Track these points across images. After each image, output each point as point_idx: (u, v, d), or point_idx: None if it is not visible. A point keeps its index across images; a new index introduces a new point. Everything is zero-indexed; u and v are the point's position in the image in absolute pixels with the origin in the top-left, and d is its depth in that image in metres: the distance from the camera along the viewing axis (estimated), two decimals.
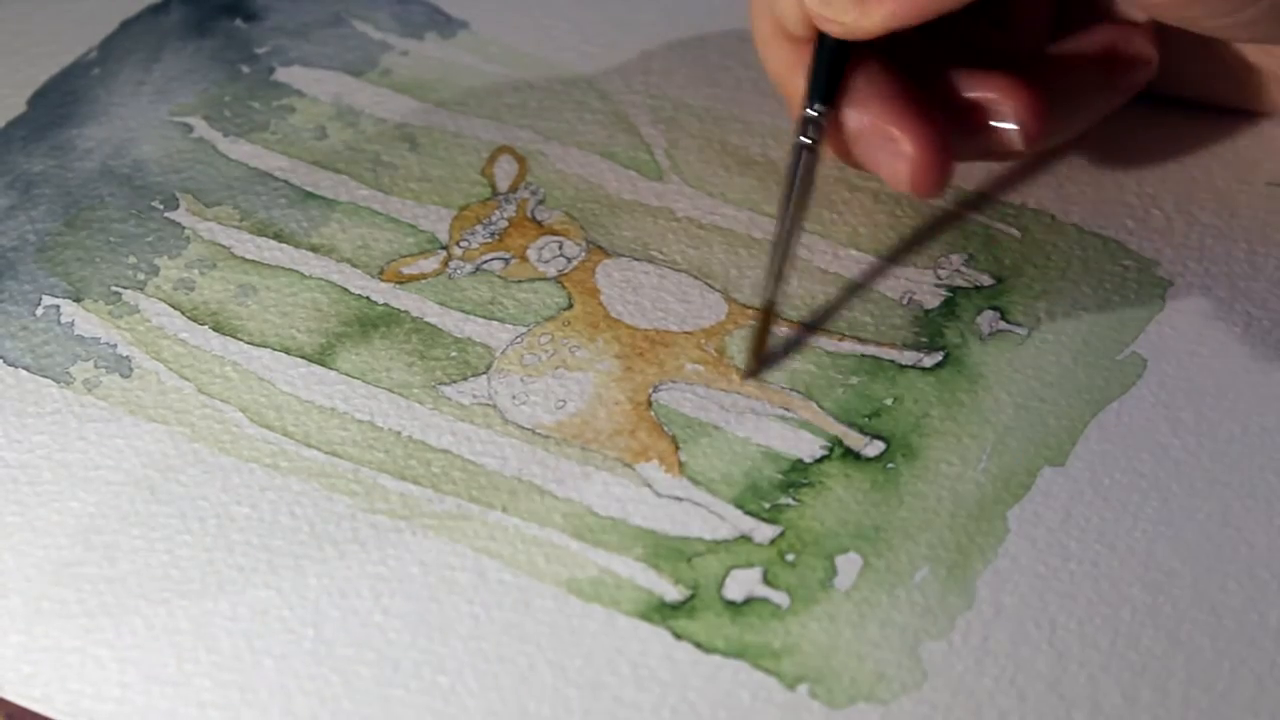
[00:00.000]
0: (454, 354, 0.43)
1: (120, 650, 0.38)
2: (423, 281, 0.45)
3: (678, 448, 0.41)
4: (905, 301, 0.44)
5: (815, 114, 0.41)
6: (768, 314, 0.42)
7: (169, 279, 0.45)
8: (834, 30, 0.41)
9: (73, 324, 0.44)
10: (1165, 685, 0.36)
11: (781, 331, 0.43)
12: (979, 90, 0.42)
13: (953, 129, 0.41)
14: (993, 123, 0.42)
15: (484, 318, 0.44)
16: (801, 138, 0.41)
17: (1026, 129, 0.42)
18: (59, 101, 0.50)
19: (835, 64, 0.41)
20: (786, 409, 0.41)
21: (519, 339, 0.43)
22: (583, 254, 0.45)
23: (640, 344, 0.43)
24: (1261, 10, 0.39)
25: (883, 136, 0.41)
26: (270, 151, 0.48)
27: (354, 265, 0.45)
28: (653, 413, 0.42)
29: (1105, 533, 0.39)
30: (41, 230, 0.46)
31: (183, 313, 0.44)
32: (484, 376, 0.43)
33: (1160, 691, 0.36)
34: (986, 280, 0.44)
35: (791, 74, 0.43)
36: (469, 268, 0.45)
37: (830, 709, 0.36)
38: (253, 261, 0.45)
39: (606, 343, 0.43)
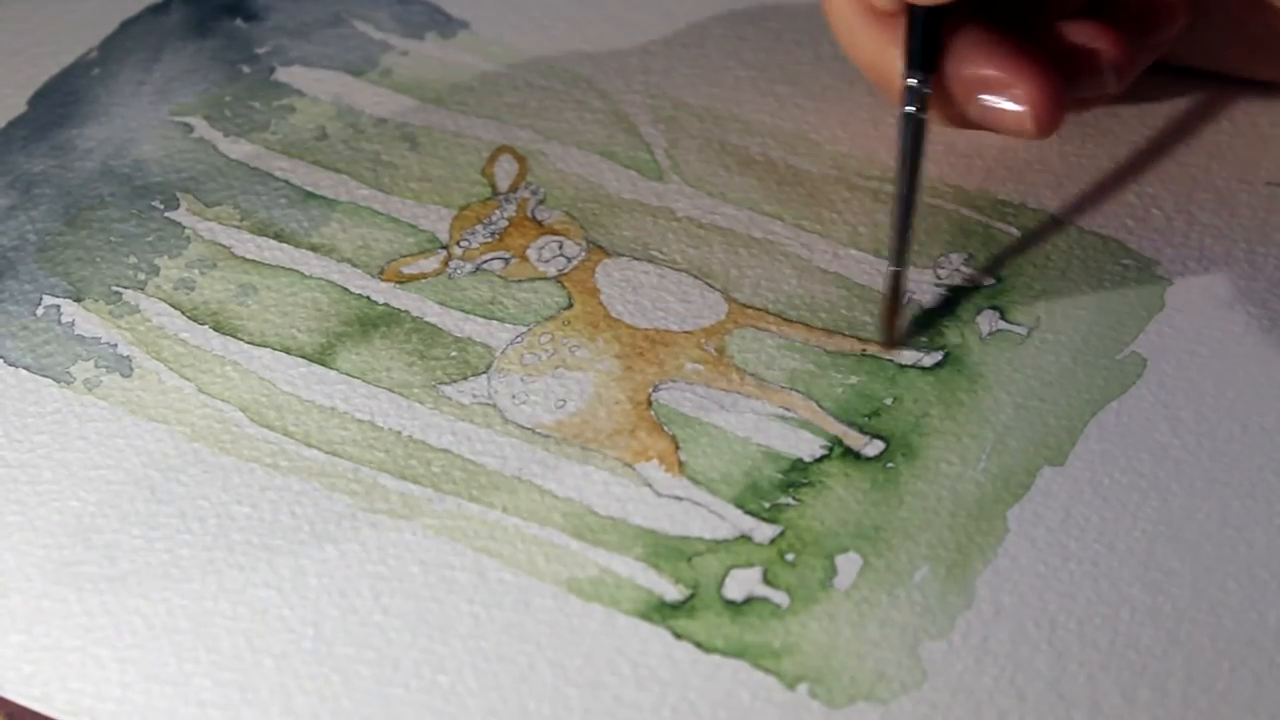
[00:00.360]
0: (454, 354, 0.43)
1: (120, 649, 0.38)
2: (423, 281, 0.45)
3: (678, 447, 0.41)
4: (905, 301, 0.44)
5: (915, 83, 0.41)
6: (899, 280, 0.42)
7: (169, 279, 0.45)
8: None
9: (73, 324, 0.44)
10: (1165, 685, 0.36)
11: (783, 331, 0.43)
12: (1074, 37, 0.42)
13: (1062, 81, 0.42)
14: (1094, 70, 0.42)
15: (484, 317, 0.44)
16: (907, 108, 0.41)
17: (1123, 70, 0.42)
18: (60, 101, 0.50)
19: (930, 31, 0.42)
20: (786, 408, 0.41)
21: (519, 338, 0.43)
22: (583, 254, 0.45)
23: (640, 343, 0.43)
24: None
25: (996, 85, 0.41)
26: (271, 151, 0.48)
27: (354, 265, 0.45)
28: (653, 412, 0.42)
29: (1105, 532, 0.39)
30: (42, 230, 0.46)
31: (183, 312, 0.44)
32: (484, 376, 0.43)
33: (1160, 691, 0.36)
34: (986, 280, 0.44)
35: (883, 53, 0.43)
36: (469, 267, 0.45)
37: (830, 708, 0.36)
38: (253, 261, 0.45)
39: (606, 342, 0.43)
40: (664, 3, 0.52)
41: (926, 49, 0.42)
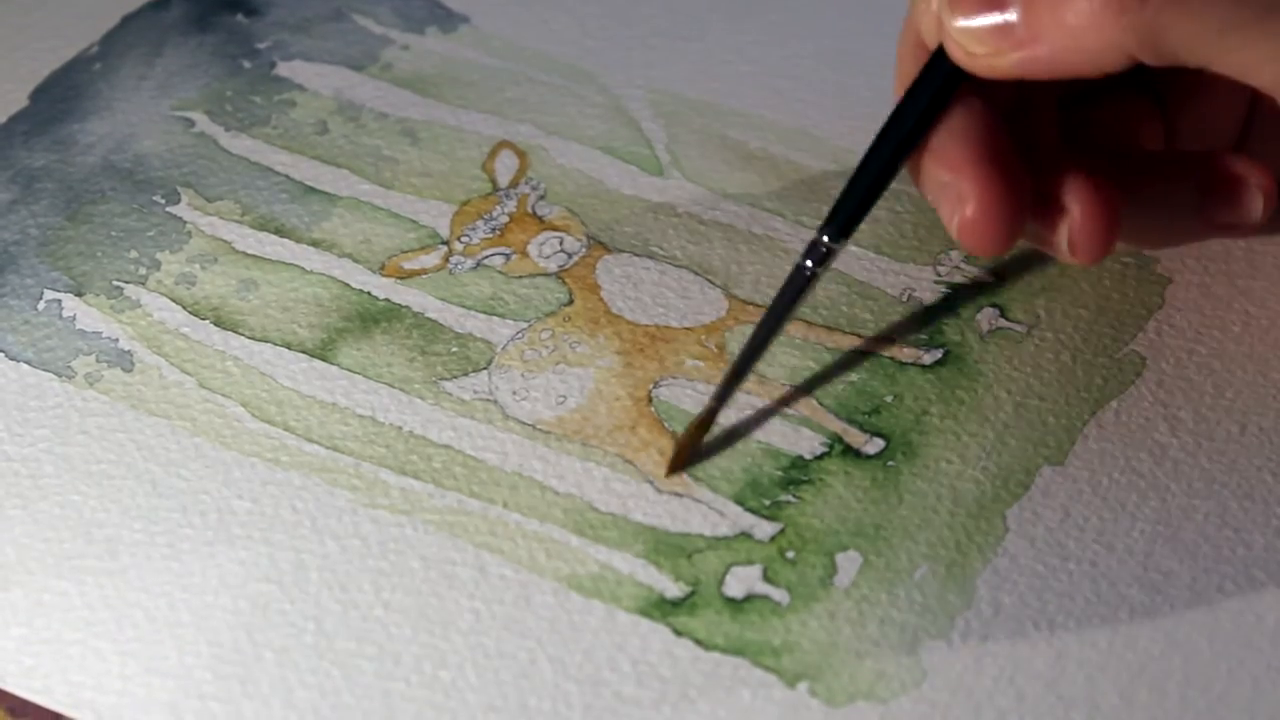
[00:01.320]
0: (455, 349, 0.43)
1: (121, 643, 0.38)
2: (424, 277, 0.45)
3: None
4: (905, 298, 0.44)
5: (824, 245, 0.39)
6: (712, 416, 0.40)
7: (170, 274, 0.45)
8: (961, 58, 0.38)
9: (74, 318, 0.44)
10: (1163, 685, 0.36)
11: (783, 329, 0.43)
12: (1059, 186, 0.38)
13: (1025, 203, 0.38)
14: (1058, 226, 0.39)
15: (485, 313, 0.44)
16: (807, 264, 0.39)
17: (1076, 247, 0.38)
18: (61, 96, 0.50)
19: (936, 100, 0.39)
20: (786, 405, 0.42)
21: (520, 334, 0.43)
22: (583, 249, 0.45)
23: (641, 340, 0.43)
24: None
25: (952, 185, 0.38)
26: (271, 146, 0.48)
27: (355, 260, 0.45)
28: (653, 408, 0.42)
29: (1104, 532, 0.39)
30: (43, 225, 0.46)
31: (184, 307, 0.44)
32: (485, 372, 0.43)
33: (1158, 691, 0.36)
34: (986, 277, 0.44)
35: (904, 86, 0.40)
36: (470, 263, 0.45)
37: (830, 707, 0.36)
38: (254, 256, 0.45)
39: (607, 338, 0.43)
40: None
41: (857, 214, 0.39)
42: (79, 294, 0.45)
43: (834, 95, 0.49)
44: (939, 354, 0.42)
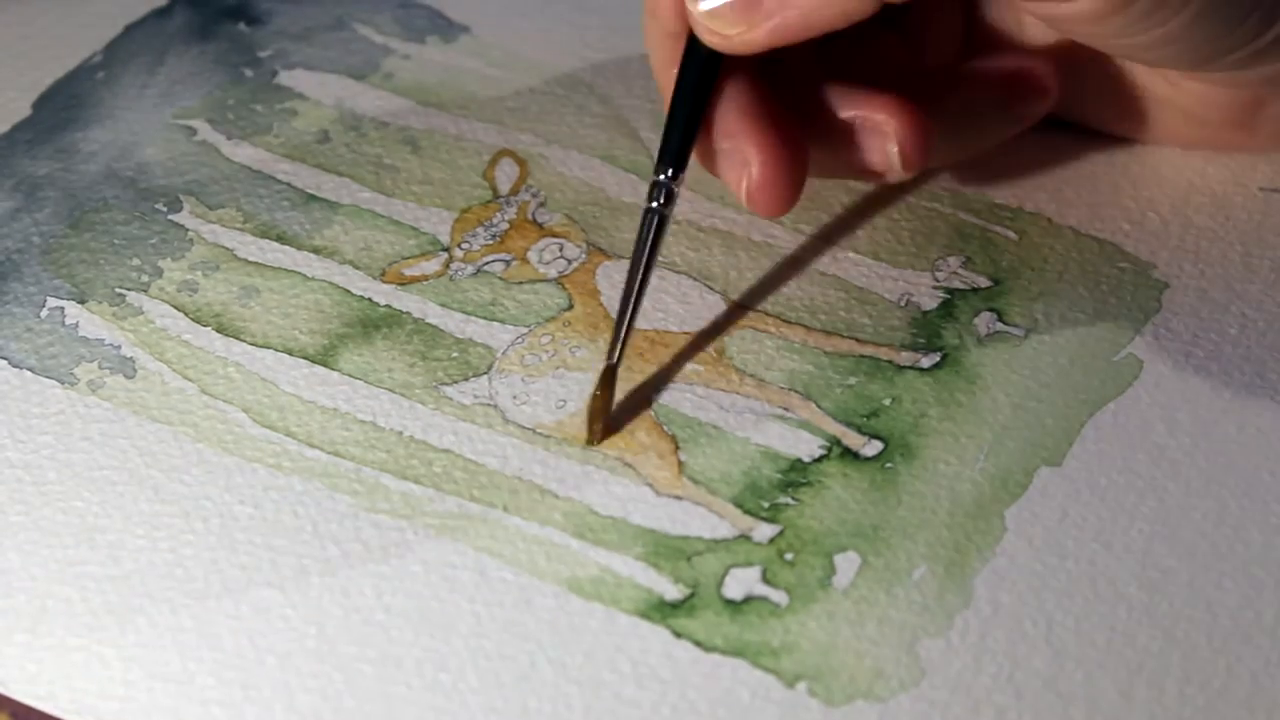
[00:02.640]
0: (455, 355, 0.43)
1: (124, 649, 0.38)
2: (424, 283, 0.45)
3: (677, 447, 0.41)
4: (903, 303, 0.44)
5: (664, 180, 0.41)
6: (612, 375, 0.41)
7: (172, 281, 0.45)
8: (715, 42, 0.40)
9: (77, 325, 0.44)
10: (1161, 683, 0.37)
11: (782, 333, 0.43)
12: (860, 109, 0.41)
13: (825, 145, 0.41)
14: (872, 143, 0.42)
15: (485, 319, 0.44)
16: (652, 204, 0.41)
17: (905, 152, 0.41)
18: (64, 105, 0.50)
19: (699, 95, 0.41)
20: (785, 409, 0.42)
21: (520, 340, 0.44)
22: (583, 256, 0.45)
23: (640, 344, 0.43)
24: (1168, 32, 0.39)
25: (736, 151, 0.41)
26: (273, 154, 0.48)
27: (356, 267, 0.45)
28: (652, 412, 0.42)
29: (1102, 532, 0.39)
30: (46, 233, 0.47)
31: (186, 314, 0.44)
32: (485, 377, 0.43)
33: (1156, 689, 0.36)
34: (984, 282, 0.44)
35: (667, 78, 0.42)
36: (470, 269, 0.45)
37: (829, 707, 0.36)
38: (256, 263, 0.46)
39: (607, 343, 0.43)
40: None
41: (684, 144, 0.41)
42: (81, 301, 0.45)
43: None
44: (937, 357, 0.43)
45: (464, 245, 0.46)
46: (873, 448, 0.41)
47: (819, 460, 0.41)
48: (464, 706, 0.37)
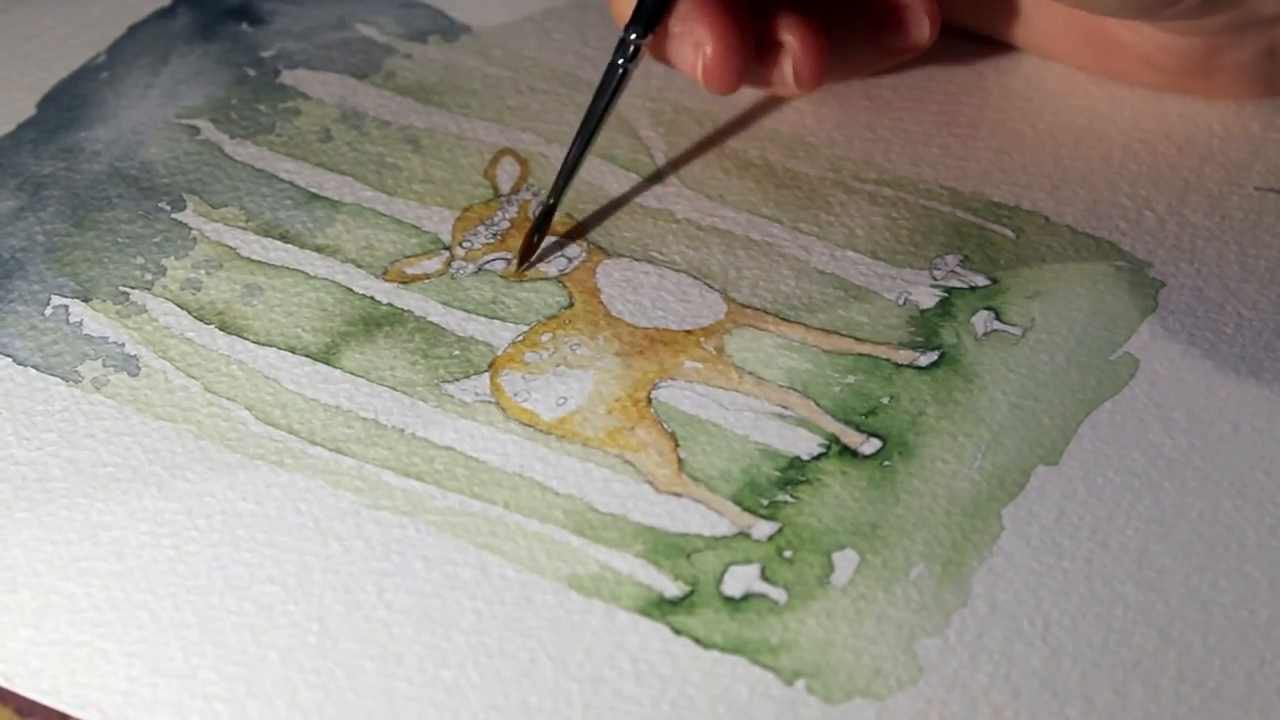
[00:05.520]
0: (456, 352, 0.44)
1: (127, 644, 0.38)
2: (426, 281, 0.45)
3: (677, 445, 0.41)
4: (901, 302, 0.44)
5: (633, 39, 0.45)
6: (549, 216, 0.45)
7: (176, 279, 0.46)
8: None
9: (81, 323, 0.45)
10: (1157, 682, 0.37)
11: (781, 331, 0.44)
12: (777, 28, 0.45)
13: (753, 43, 0.45)
14: (780, 62, 0.46)
15: (486, 317, 0.44)
16: (619, 61, 0.45)
17: (800, 75, 0.46)
18: (68, 104, 0.50)
19: None
20: (784, 407, 0.42)
21: (520, 337, 0.44)
22: (583, 254, 0.46)
23: (640, 342, 0.43)
24: None
25: (689, 34, 0.45)
26: (276, 153, 0.49)
27: (358, 266, 0.46)
28: (652, 410, 0.42)
29: (1098, 530, 0.39)
30: (50, 231, 0.47)
31: (189, 312, 0.45)
32: (486, 374, 0.43)
33: (1152, 688, 0.37)
34: (981, 281, 0.45)
35: None
36: (471, 268, 0.46)
37: (827, 704, 0.37)
38: (259, 262, 0.46)
39: (607, 341, 0.43)
40: None
41: (655, 10, 0.45)
42: (86, 299, 0.45)
43: (830, 104, 0.49)
44: (935, 356, 0.43)
45: (465, 244, 0.46)
46: (871, 446, 0.41)
47: (818, 458, 0.41)
48: (465, 703, 0.37)
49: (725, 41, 0.44)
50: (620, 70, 0.45)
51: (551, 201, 0.45)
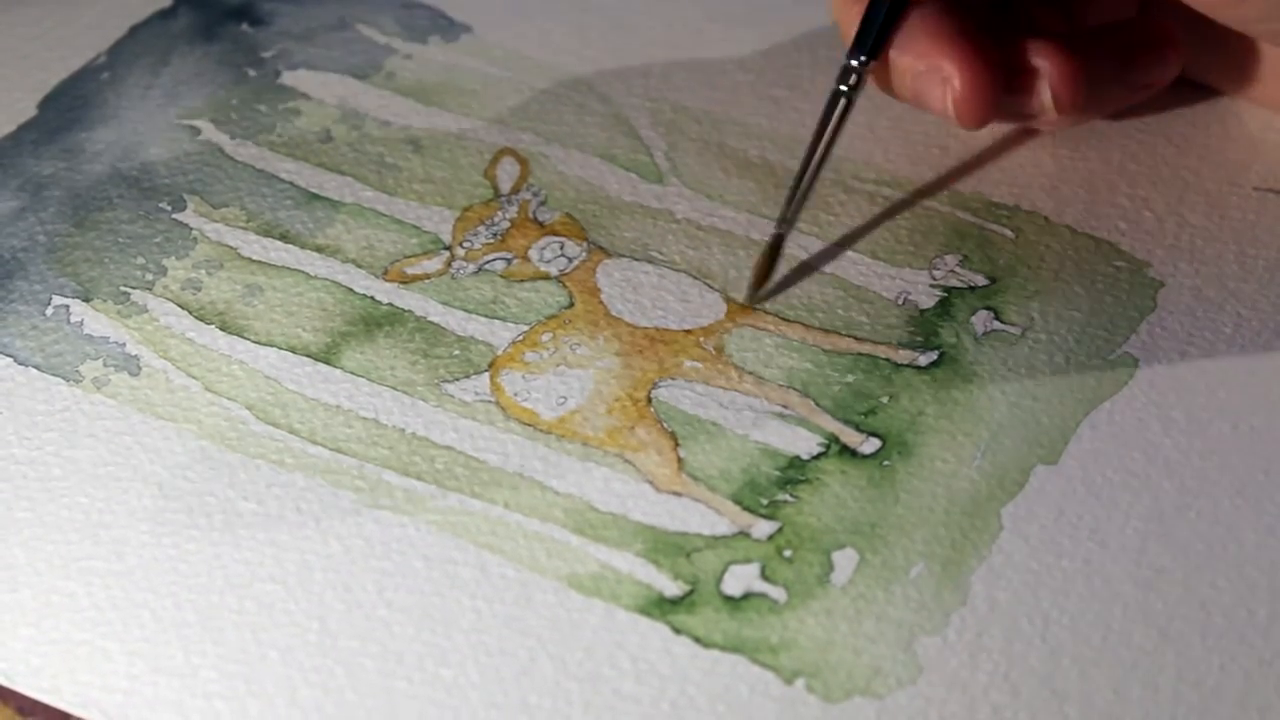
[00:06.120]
0: (457, 352, 0.44)
1: (128, 643, 0.38)
2: (426, 281, 0.45)
3: (677, 444, 0.41)
4: (901, 302, 0.44)
5: (855, 64, 0.43)
6: (780, 242, 0.44)
7: (177, 279, 0.46)
8: None
9: (82, 323, 0.45)
10: (1156, 680, 0.37)
11: (781, 331, 0.44)
12: (1027, 54, 0.43)
13: (1002, 71, 0.43)
14: (1036, 89, 0.44)
15: (486, 316, 0.44)
16: (841, 86, 0.43)
17: (1060, 99, 0.44)
18: (69, 105, 0.50)
19: (888, 17, 0.43)
20: (784, 406, 0.42)
21: (520, 337, 0.44)
22: (584, 254, 0.46)
23: (640, 342, 0.43)
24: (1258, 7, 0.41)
25: (933, 70, 0.43)
26: (276, 154, 0.49)
27: (359, 266, 0.46)
28: (652, 409, 0.42)
29: (1097, 530, 0.39)
30: (51, 231, 0.47)
31: (190, 312, 0.45)
32: (486, 374, 0.43)
33: (1151, 687, 0.37)
34: (981, 281, 0.45)
35: (849, 13, 0.44)
36: (472, 268, 0.46)
37: (826, 703, 0.37)
38: (259, 262, 0.46)
39: (607, 340, 0.43)
40: (663, 8, 0.52)
41: (879, 33, 0.43)
42: (86, 299, 0.45)
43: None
44: (934, 356, 0.43)
45: (465, 244, 0.46)
46: (870, 445, 0.41)
47: (817, 457, 0.41)
48: (465, 702, 0.37)
49: (974, 71, 0.42)
50: (844, 99, 0.43)
51: (783, 231, 0.44)
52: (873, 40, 0.43)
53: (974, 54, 0.43)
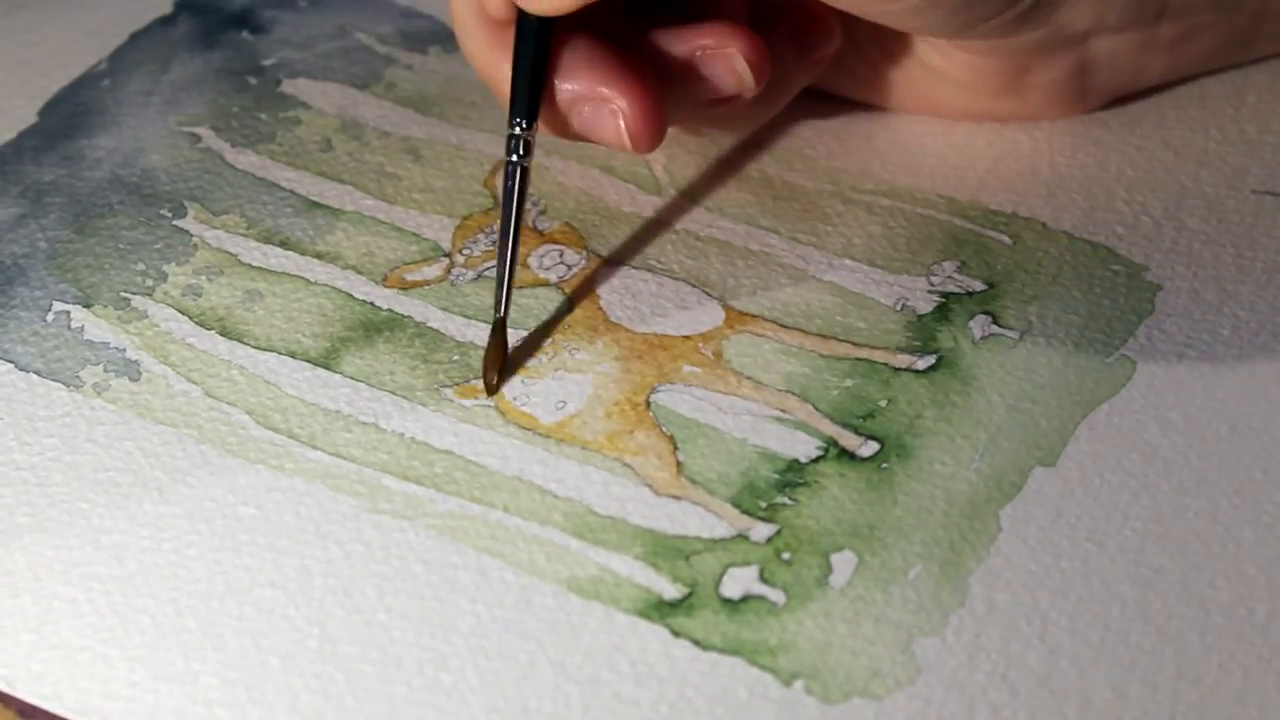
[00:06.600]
0: (456, 358, 0.44)
1: (129, 649, 0.38)
2: (425, 288, 0.45)
3: (676, 448, 0.41)
4: (899, 307, 0.44)
5: (519, 132, 0.42)
6: (503, 327, 0.43)
7: (177, 285, 0.46)
8: (533, 6, 0.42)
9: (83, 329, 0.45)
10: (1154, 680, 0.37)
11: (780, 337, 0.44)
12: (697, 40, 0.43)
13: (671, 86, 0.43)
14: (719, 69, 0.43)
15: (485, 322, 0.44)
16: (512, 157, 0.43)
17: (755, 66, 0.43)
18: (69, 112, 0.50)
19: (535, 74, 0.42)
20: (783, 410, 0.42)
21: (520, 342, 0.44)
22: (583, 262, 0.46)
23: (639, 347, 0.44)
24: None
25: (595, 100, 0.42)
26: (276, 162, 0.49)
27: (358, 272, 0.46)
28: (651, 414, 0.42)
29: (1095, 531, 0.39)
30: (52, 238, 0.47)
31: (190, 318, 0.45)
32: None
33: (1149, 686, 0.37)
34: (978, 286, 0.45)
35: (495, 61, 0.43)
36: (471, 274, 0.46)
37: (825, 704, 0.37)
38: (259, 268, 0.46)
39: (606, 346, 0.44)
40: None
41: (532, 95, 0.42)
42: (87, 305, 0.45)
43: (828, 116, 0.49)
44: (932, 360, 0.43)
45: (465, 251, 0.46)
46: (869, 448, 0.41)
47: (816, 461, 0.41)
48: (465, 706, 0.37)
49: (641, 98, 0.42)
50: (517, 169, 0.42)
51: (501, 314, 0.43)
52: (528, 100, 0.42)
53: (634, 75, 0.42)
